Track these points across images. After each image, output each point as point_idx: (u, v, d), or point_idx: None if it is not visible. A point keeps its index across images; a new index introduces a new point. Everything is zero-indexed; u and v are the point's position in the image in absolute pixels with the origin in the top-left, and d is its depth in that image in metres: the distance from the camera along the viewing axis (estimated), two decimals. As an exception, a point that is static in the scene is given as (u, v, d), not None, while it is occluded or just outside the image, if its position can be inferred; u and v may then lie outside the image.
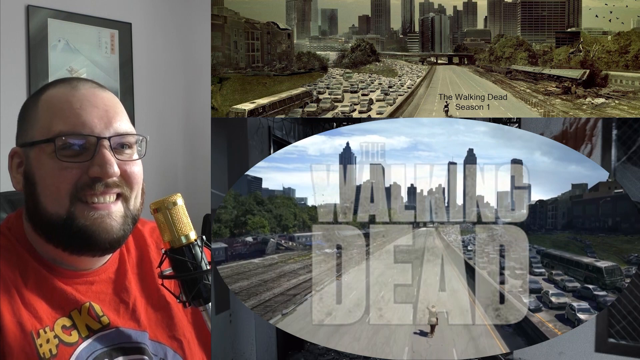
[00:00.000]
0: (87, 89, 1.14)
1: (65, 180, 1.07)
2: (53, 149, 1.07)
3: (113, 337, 1.14)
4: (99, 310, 1.14)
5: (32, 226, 1.13)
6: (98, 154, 1.08)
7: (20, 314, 1.06)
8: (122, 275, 1.21)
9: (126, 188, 1.12)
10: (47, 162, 1.08)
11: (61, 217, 1.08)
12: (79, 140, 1.08)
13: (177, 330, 1.23)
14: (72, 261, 1.14)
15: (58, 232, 1.09)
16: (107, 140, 1.09)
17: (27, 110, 1.16)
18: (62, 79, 1.21)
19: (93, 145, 1.08)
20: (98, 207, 1.09)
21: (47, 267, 1.13)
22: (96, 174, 1.07)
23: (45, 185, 1.09)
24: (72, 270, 1.15)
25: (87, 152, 1.09)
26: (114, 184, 1.10)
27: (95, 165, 1.08)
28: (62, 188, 1.07)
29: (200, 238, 1.06)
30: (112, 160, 1.08)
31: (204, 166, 3.91)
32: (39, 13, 3.12)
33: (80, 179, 1.08)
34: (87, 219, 1.08)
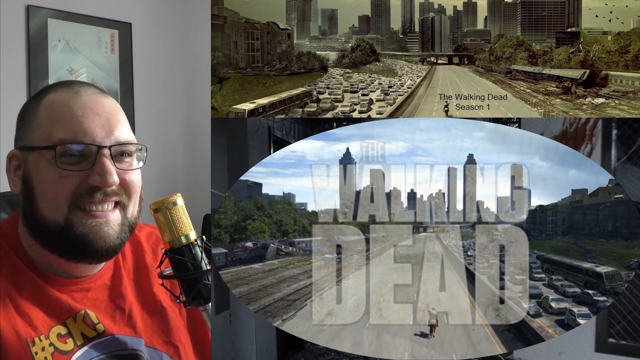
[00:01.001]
0: (90, 95, 1.13)
1: (64, 188, 1.07)
2: (53, 156, 1.07)
3: (109, 345, 1.13)
4: (94, 317, 1.14)
5: (29, 231, 1.12)
6: (98, 163, 1.07)
7: (15, 322, 1.05)
8: (118, 282, 1.20)
9: (124, 196, 1.12)
10: (47, 168, 1.08)
11: (59, 224, 1.07)
12: (80, 148, 1.08)
13: (173, 336, 1.22)
14: (68, 268, 1.13)
15: (55, 238, 1.08)
16: (107, 149, 1.09)
17: (27, 113, 1.14)
18: (63, 82, 1.20)
19: (93, 153, 1.08)
20: (96, 214, 1.08)
21: (42, 275, 1.12)
22: (96, 183, 1.07)
23: (43, 191, 1.08)
24: (67, 277, 1.14)
25: (87, 160, 1.08)
26: (113, 193, 1.09)
27: (95, 174, 1.07)
28: (60, 195, 1.07)
29: (200, 238, 1.06)
30: (112, 169, 1.08)
31: (204, 166, 3.91)
32: (39, 13, 3.12)
33: (79, 187, 1.07)
34: (84, 227, 1.08)
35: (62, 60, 3.23)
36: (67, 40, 3.26)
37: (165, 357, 1.20)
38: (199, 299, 1.04)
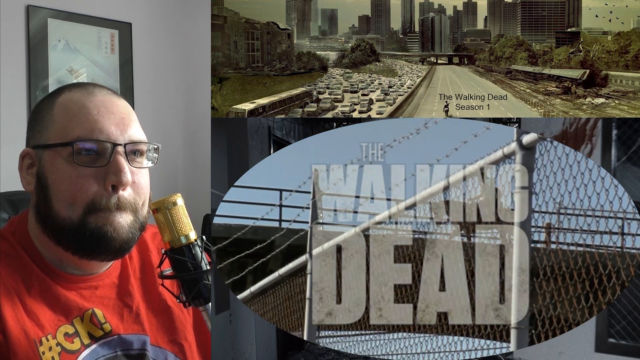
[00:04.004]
0: (104, 95, 1.15)
1: (82, 189, 1.08)
2: (70, 153, 1.08)
3: (115, 344, 1.14)
4: (101, 317, 1.15)
5: (41, 228, 1.13)
6: (113, 160, 1.09)
7: (23, 322, 1.06)
8: (125, 280, 1.22)
9: (136, 199, 1.13)
10: (63, 166, 1.09)
11: (73, 222, 1.09)
12: (95, 146, 1.09)
13: (178, 334, 1.23)
14: (80, 264, 1.14)
15: (69, 236, 1.10)
16: (122, 147, 1.11)
17: (40, 112, 1.16)
18: (76, 83, 1.22)
19: (109, 151, 1.09)
20: (110, 214, 1.10)
21: (51, 273, 1.13)
22: (112, 182, 1.09)
23: (59, 190, 1.10)
24: (77, 274, 1.15)
25: (103, 158, 1.10)
26: (128, 203, 1.11)
27: (110, 173, 1.09)
28: (77, 197, 1.08)
29: (200, 238, 1.07)
30: (127, 167, 1.10)
31: (204, 166, 3.91)
32: (39, 13, 3.12)
33: (97, 193, 1.09)
34: (98, 222, 1.09)
35: (62, 60, 3.23)
36: (67, 40, 3.26)
37: (170, 356, 1.21)
38: (199, 299, 1.04)
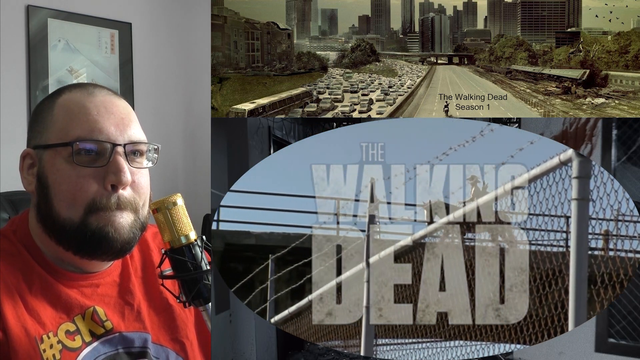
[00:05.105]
0: (104, 95, 1.16)
1: (81, 190, 1.08)
2: (70, 153, 1.09)
3: (116, 342, 1.15)
4: (102, 315, 1.15)
5: (42, 227, 1.13)
6: (113, 160, 1.10)
7: (24, 320, 1.06)
8: (127, 279, 1.22)
9: (136, 198, 1.13)
10: (63, 166, 1.10)
11: (74, 223, 1.09)
12: (95, 146, 1.10)
13: (180, 333, 1.24)
14: (81, 263, 1.14)
15: (70, 236, 1.10)
16: (121, 147, 1.11)
17: (41, 113, 1.17)
18: (77, 84, 1.23)
19: (108, 151, 1.10)
20: (110, 214, 1.11)
21: (53, 271, 1.13)
22: (111, 182, 1.09)
23: (60, 190, 1.10)
24: (78, 272, 1.15)
25: (102, 158, 1.10)
26: (128, 202, 1.11)
27: (110, 173, 1.09)
28: (78, 197, 1.09)
29: (200, 238, 1.07)
30: (126, 167, 1.10)
31: (204, 166, 3.91)
32: (39, 13, 3.12)
33: (97, 193, 1.09)
34: (99, 222, 1.09)
35: (62, 60, 3.23)
36: (67, 40, 3.26)
37: (171, 354, 1.21)
38: (199, 299, 1.04)
